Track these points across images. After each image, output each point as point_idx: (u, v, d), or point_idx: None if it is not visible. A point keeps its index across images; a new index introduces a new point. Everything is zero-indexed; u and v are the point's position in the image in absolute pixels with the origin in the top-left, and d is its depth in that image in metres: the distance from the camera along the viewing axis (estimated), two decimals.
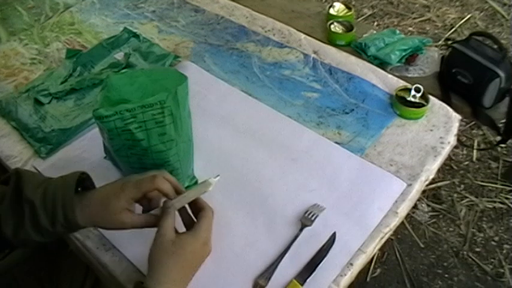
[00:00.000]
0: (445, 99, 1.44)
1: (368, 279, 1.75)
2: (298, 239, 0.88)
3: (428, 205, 1.96)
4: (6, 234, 0.76)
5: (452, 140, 1.05)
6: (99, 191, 0.81)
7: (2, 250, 0.83)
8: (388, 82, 1.18)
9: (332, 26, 1.63)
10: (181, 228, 0.82)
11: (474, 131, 2.22)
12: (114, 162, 1.01)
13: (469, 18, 2.81)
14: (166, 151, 0.86)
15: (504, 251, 1.79)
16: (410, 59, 1.58)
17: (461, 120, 1.11)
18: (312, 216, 0.91)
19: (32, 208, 0.75)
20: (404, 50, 1.56)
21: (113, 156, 0.95)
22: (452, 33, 2.72)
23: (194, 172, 1.00)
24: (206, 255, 0.82)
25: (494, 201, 1.94)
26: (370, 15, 2.95)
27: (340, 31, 1.63)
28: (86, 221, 0.77)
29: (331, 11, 1.71)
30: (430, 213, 1.93)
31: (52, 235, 0.78)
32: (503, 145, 2.10)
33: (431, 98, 1.11)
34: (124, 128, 0.82)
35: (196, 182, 0.98)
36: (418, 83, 1.10)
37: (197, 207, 0.83)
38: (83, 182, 0.83)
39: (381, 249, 1.74)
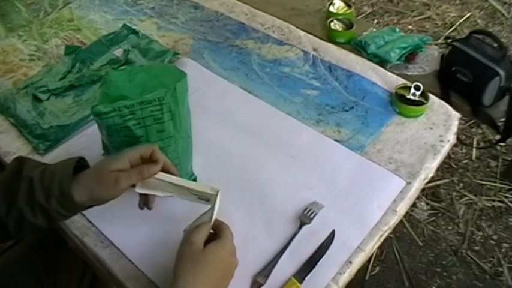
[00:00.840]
0: (445, 97, 1.44)
1: (367, 277, 1.75)
2: (297, 236, 0.88)
3: (427, 203, 1.96)
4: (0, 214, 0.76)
5: (451, 138, 1.04)
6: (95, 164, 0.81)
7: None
8: (387, 80, 1.18)
9: (332, 24, 1.63)
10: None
11: (474, 130, 2.22)
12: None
13: (469, 17, 2.81)
14: (165, 148, 0.86)
15: (503, 250, 1.79)
16: (410, 57, 1.58)
17: (461, 119, 1.10)
18: (311, 214, 0.90)
19: (30, 183, 0.75)
20: (404, 48, 1.56)
21: (112, 153, 0.95)
22: (452, 31, 2.72)
23: (193, 169, 1.00)
24: (235, 266, 0.79)
25: (493, 200, 1.94)
26: (370, 13, 2.94)
27: (340, 29, 1.63)
28: (81, 195, 0.76)
29: (331, 9, 1.71)
30: (429, 212, 1.93)
31: (46, 215, 0.77)
32: (502, 144, 2.10)
33: (431, 96, 1.11)
34: (123, 124, 0.82)
35: (195, 179, 0.98)
36: (418, 81, 1.10)
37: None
38: (81, 168, 0.82)
39: (380, 247, 1.74)
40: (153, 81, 0.88)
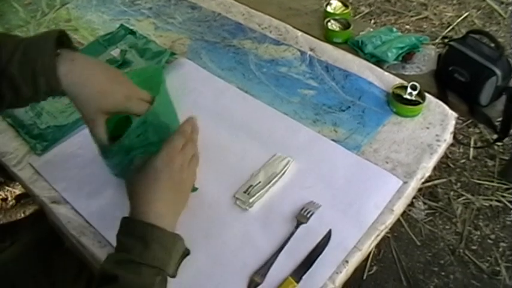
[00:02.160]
0: (442, 97, 1.44)
1: (364, 276, 1.75)
2: (293, 236, 0.88)
3: (424, 203, 1.96)
4: None
5: (448, 137, 1.05)
6: (88, 59, 0.81)
7: None
8: (384, 80, 1.18)
9: (329, 24, 1.63)
10: None
11: (471, 129, 2.22)
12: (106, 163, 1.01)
13: (466, 17, 2.81)
14: (154, 152, 0.87)
15: (500, 249, 1.79)
16: (407, 56, 1.58)
17: (458, 118, 1.11)
18: (308, 213, 0.91)
19: (12, 82, 0.74)
20: (401, 48, 1.56)
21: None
22: (449, 31, 2.72)
23: None
24: (184, 178, 0.83)
25: (491, 199, 1.95)
26: (367, 13, 2.95)
27: (337, 29, 1.63)
28: (71, 95, 0.77)
29: (328, 9, 1.71)
30: (427, 211, 1.93)
31: (36, 101, 0.79)
32: (499, 143, 2.10)
33: (428, 95, 1.11)
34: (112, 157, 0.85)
35: None
36: (415, 81, 1.10)
37: None
38: (61, 44, 0.79)
39: (377, 246, 1.74)
40: (143, 85, 0.88)
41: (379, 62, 1.53)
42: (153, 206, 0.76)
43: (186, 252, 0.78)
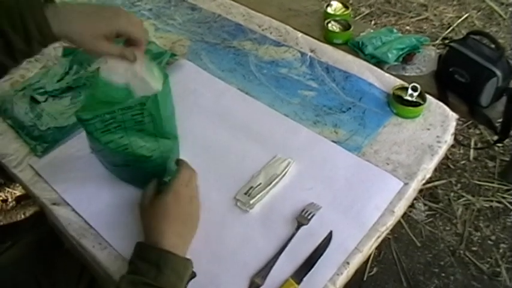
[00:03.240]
0: (442, 98, 1.44)
1: (365, 278, 1.75)
2: (294, 237, 0.88)
3: (425, 204, 1.96)
4: None
5: (449, 139, 1.04)
6: (73, 4, 0.81)
7: None
8: (385, 81, 1.18)
9: (329, 25, 1.63)
10: None
11: (471, 130, 2.22)
12: (99, 158, 1.01)
13: (466, 18, 2.81)
14: (147, 146, 0.87)
15: (501, 250, 1.79)
16: (407, 57, 1.59)
17: (458, 119, 1.11)
18: (309, 215, 0.90)
19: (3, 35, 0.74)
20: (402, 49, 1.56)
21: (97, 154, 0.96)
22: (449, 32, 2.72)
23: None
24: (194, 208, 0.89)
25: (491, 201, 1.95)
26: (367, 14, 2.95)
27: (338, 30, 1.63)
28: (62, 34, 0.77)
29: (329, 10, 1.71)
30: (427, 212, 1.93)
31: (28, 53, 0.79)
32: (500, 144, 2.10)
33: (428, 96, 1.11)
34: (104, 129, 0.83)
35: None
36: (415, 82, 1.10)
37: None
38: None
39: (378, 248, 1.74)
40: None
41: (379, 63, 1.53)
42: (165, 237, 0.80)
43: (193, 275, 0.82)
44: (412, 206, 1.94)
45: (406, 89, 1.10)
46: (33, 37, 0.75)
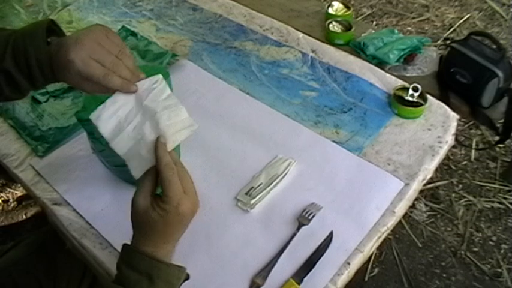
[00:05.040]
0: (444, 98, 1.44)
1: (366, 278, 1.75)
2: (295, 237, 0.88)
3: (426, 205, 1.95)
4: None
5: (450, 139, 1.04)
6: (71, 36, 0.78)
7: None
8: (386, 81, 1.18)
9: (331, 25, 1.63)
10: None
11: (472, 131, 2.22)
12: (100, 158, 1.01)
13: (468, 18, 2.81)
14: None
15: (502, 251, 1.79)
16: (408, 58, 1.58)
17: (460, 120, 1.11)
18: (309, 215, 0.91)
19: (8, 76, 0.75)
20: (403, 50, 1.55)
21: (98, 154, 0.96)
22: (451, 33, 2.72)
23: (191, 169, 1.00)
24: (186, 216, 0.72)
25: (493, 201, 1.94)
26: (369, 14, 2.95)
27: (339, 30, 1.63)
28: (61, 74, 0.75)
29: (330, 10, 1.70)
30: (428, 213, 1.93)
31: (35, 90, 0.81)
32: (501, 145, 2.10)
33: (429, 97, 1.11)
34: None
35: None
36: (417, 83, 1.10)
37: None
38: (52, 32, 0.79)
39: (379, 248, 1.74)
40: None
41: (380, 63, 1.53)
42: (161, 248, 0.72)
43: (186, 278, 0.75)
44: (413, 206, 1.94)
45: (408, 89, 1.10)
46: (37, 82, 0.76)
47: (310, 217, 0.90)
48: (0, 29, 0.81)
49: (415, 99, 1.09)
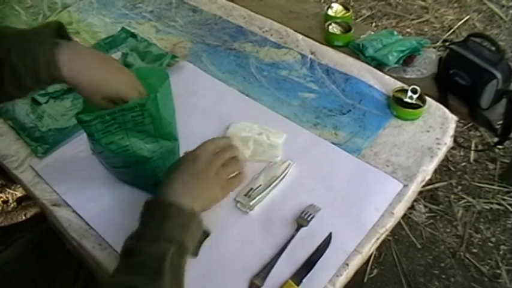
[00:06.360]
0: (443, 100, 1.44)
1: (365, 279, 1.75)
2: (294, 239, 0.88)
3: (425, 206, 1.96)
4: None
5: (448, 141, 1.05)
6: (85, 48, 0.84)
7: None
8: (385, 83, 1.18)
9: (330, 27, 1.63)
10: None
11: (471, 132, 2.22)
12: (99, 160, 1.01)
13: (467, 20, 2.81)
14: (147, 148, 0.87)
15: (501, 252, 1.79)
16: (408, 60, 1.59)
17: (459, 122, 1.11)
18: (308, 216, 0.91)
19: (13, 71, 0.76)
20: (402, 51, 1.56)
21: (97, 156, 0.96)
22: (450, 34, 2.72)
23: None
24: (211, 175, 0.85)
25: (491, 203, 1.95)
26: (368, 16, 2.95)
27: (338, 32, 1.63)
28: (71, 83, 0.79)
29: (329, 12, 1.71)
30: (427, 214, 1.93)
31: (38, 89, 0.84)
32: (500, 146, 2.10)
33: (428, 99, 1.11)
34: (104, 130, 0.84)
35: None
36: (416, 84, 1.10)
37: None
38: (60, 36, 0.82)
39: (378, 249, 1.74)
40: (145, 84, 0.89)
41: (379, 65, 1.53)
42: (172, 190, 0.80)
43: (207, 234, 0.82)
44: (412, 207, 1.94)
45: (406, 91, 1.10)
46: (42, 79, 0.77)
47: (309, 218, 0.90)
48: (12, 27, 0.83)
49: (413, 101, 1.09)
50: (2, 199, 2.13)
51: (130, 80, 0.86)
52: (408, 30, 2.81)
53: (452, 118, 1.09)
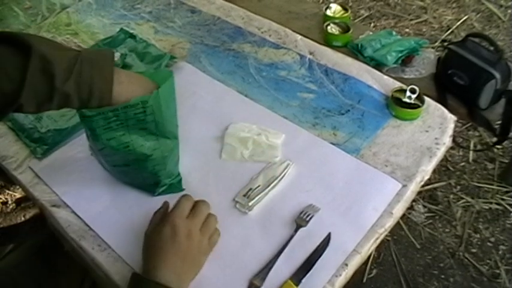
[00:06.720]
0: (441, 100, 1.44)
1: (364, 279, 1.76)
2: (293, 239, 0.88)
3: (424, 206, 1.96)
4: (26, 111, 0.76)
5: (447, 141, 1.05)
6: (131, 76, 0.86)
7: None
8: (384, 83, 1.18)
9: (329, 27, 1.63)
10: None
11: (470, 132, 2.22)
12: (99, 160, 1.01)
13: (465, 20, 2.82)
14: (148, 145, 0.88)
15: (500, 252, 1.79)
16: (406, 60, 1.59)
17: (457, 122, 1.11)
18: (307, 216, 0.91)
19: (65, 99, 0.76)
20: (401, 51, 1.56)
21: (97, 155, 0.96)
22: (448, 34, 2.73)
23: (189, 171, 1.01)
24: (196, 244, 0.82)
25: (491, 202, 1.95)
26: (367, 16, 2.95)
27: (337, 32, 1.63)
28: (118, 103, 0.81)
29: (328, 12, 1.71)
30: (426, 214, 1.93)
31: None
32: (499, 146, 2.11)
33: (427, 99, 1.11)
34: (106, 126, 0.83)
35: (180, 180, 0.99)
36: (415, 84, 1.11)
37: None
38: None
39: (377, 249, 1.75)
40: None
41: (378, 65, 1.53)
42: (158, 270, 0.77)
43: None
44: (411, 208, 1.95)
45: (405, 91, 1.10)
46: (91, 105, 0.79)
47: (308, 219, 0.91)
48: (63, 48, 0.80)
49: (412, 101, 1.09)
50: (1, 200, 2.13)
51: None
52: (407, 30, 2.81)
53: (451, 118, 1.09)
